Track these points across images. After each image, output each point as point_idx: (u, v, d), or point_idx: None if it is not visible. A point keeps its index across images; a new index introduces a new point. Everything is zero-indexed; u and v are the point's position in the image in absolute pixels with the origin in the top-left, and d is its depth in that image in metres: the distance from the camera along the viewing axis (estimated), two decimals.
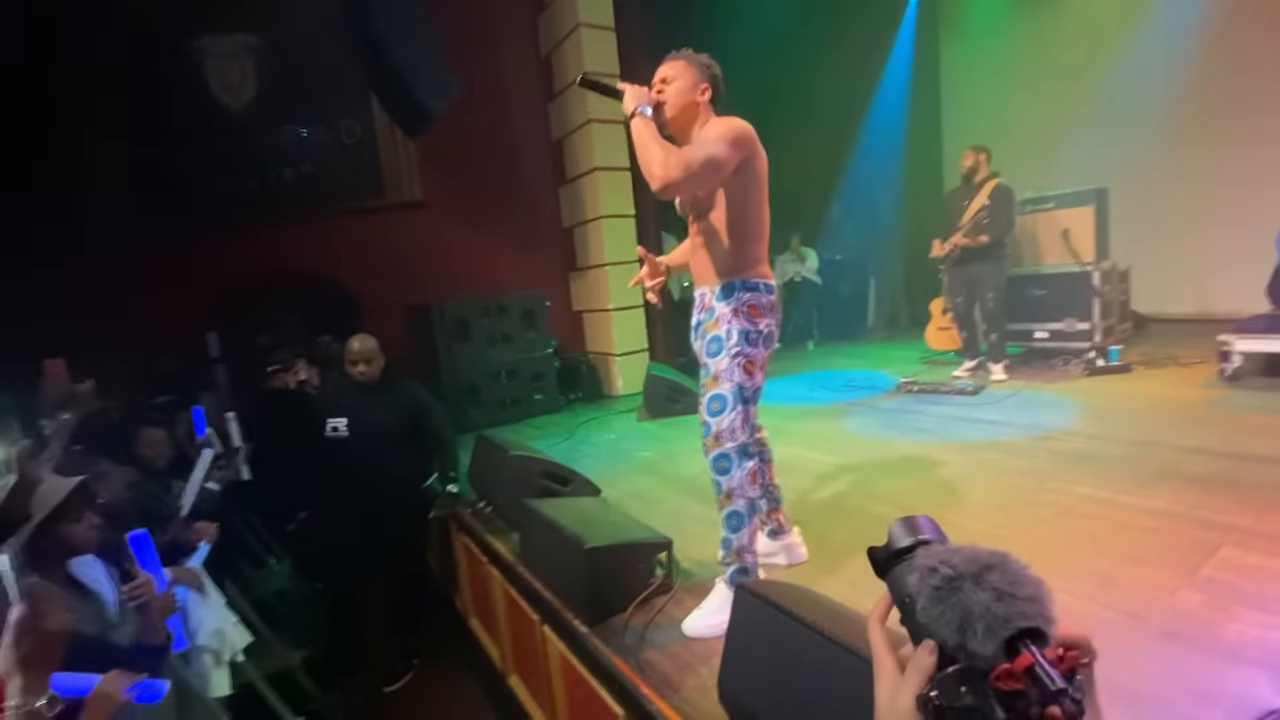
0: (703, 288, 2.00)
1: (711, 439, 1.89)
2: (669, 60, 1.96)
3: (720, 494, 1.92)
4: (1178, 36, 5.54)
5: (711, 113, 1.94)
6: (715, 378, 1.89)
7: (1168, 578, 1.89)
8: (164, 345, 5.45)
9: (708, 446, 1.90)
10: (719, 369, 1.89)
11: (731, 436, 1.87)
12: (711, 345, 1.91)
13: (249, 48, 5.75)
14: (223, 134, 5.75)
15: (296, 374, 4.51)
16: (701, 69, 1.94)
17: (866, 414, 4.20)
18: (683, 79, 1.91)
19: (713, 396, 1.89)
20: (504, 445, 3.00)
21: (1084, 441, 3.15)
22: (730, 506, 1.91)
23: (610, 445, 4.28)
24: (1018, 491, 2.65)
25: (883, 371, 5.32)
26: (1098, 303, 4.73)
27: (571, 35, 5.67)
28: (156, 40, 5.53)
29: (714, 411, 1.88)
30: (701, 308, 1.99)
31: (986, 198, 4.54)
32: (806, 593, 1.40)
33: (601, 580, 2.02)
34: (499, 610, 2.82)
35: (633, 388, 5.73)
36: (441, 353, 5.20)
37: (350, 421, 3.10)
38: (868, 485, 2.96)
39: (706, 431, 1.90)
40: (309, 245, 5.82)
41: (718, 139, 1.79)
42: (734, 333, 1.89)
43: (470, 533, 3.14)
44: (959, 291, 4.78)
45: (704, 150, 1.76)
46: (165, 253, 5.51)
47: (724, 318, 1.90)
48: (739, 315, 1.90)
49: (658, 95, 1.90)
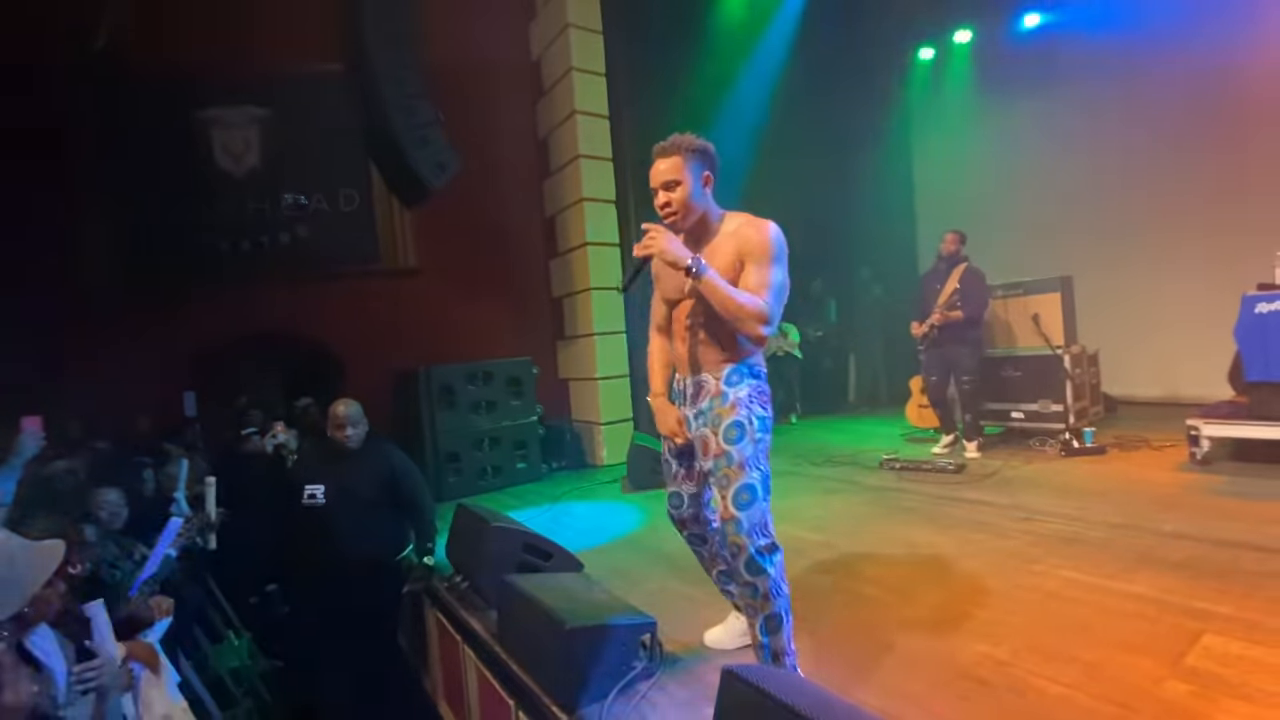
0: (702, 374, 1.89)
1: (744, 536, 1.72)
2: (662, 155, 1.82)
3: (757, 598, 1.75)
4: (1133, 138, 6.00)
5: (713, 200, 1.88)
6: (741, 466, 1.75)
7: (1153, 667, 1.87)
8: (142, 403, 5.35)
9: (737, 546, 1.72)
10: (744, 457, 1.75)
11: (764, 532, 1.75)
12: (731, 432, 1.78)
13: (255, 119, 5.98)
14: (223, 198, 5.89)
15: (273, 436, 4.42)
16: (699, 157, 1.82)
17: (851, 491, 4.20)
18: (686, 180, 1.79)
19: (742, 487, 1.74)
20: (485, 516, 2.94)
21: (1065, 523, 3.17)
22: (768, 609, 1.75)
23: (593, 517, 4.21)
24: (1005, 574, 2.65)
25: (865, 447, 5.36)
26: (1070, 385, 4.88)
27: (567, 121, 5.99)
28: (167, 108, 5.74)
29: (744, 504, 1.73)
30: (702, 394, 1.88)
31: (958, 281, 4.78)
32: (799, 681, 1.37)
33: (582, 663, 1.95)
34: (471, 693, 2.68)
35: (616, 458, 5.69)
36: (425, 419, 5.15)
37: (328, 489, 3.03)
38: (856, 567, 2.92)
39: (738, 528, 1.72)
40: (299, 308, 5.85)
41: (771, 260, 1.76)
42: (754, 419, 1.80)
43: (444, 608, 3.01)
44: (934, 371, 4.94)
45: (773, 281, 1.75)
46: (153, 311, 5.51)
47: (741, 402, 1.81)
48: (756, 400, 1.83)
49: (664, 207, 1.81)
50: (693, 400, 1.93)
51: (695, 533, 2.13)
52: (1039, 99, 6.62)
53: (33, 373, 4.78)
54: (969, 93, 7.30)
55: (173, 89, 5.69)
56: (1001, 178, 7.07)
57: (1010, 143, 7.00)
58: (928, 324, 4.83)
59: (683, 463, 2.05)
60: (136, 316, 5.44)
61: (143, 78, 5.56)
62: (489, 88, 6.34)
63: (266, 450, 4.35)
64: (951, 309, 4.72)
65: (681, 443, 1.98)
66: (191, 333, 5.63)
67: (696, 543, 2.16)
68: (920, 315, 4.95)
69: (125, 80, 5.53)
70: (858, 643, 2.21)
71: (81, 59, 5.40)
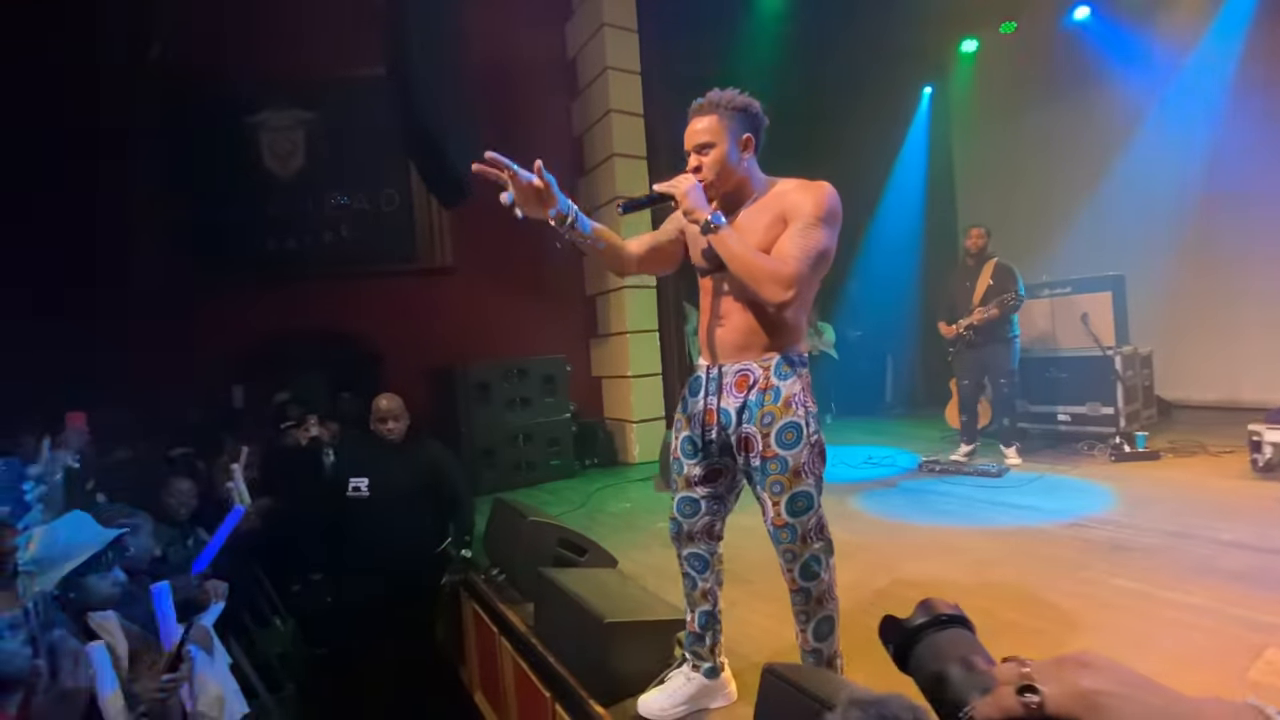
0: (745, 361, 1.68)
1: (798, 543, 1.63)
2: (698, 114, 1.66)
3: (809, 603, 1.68)
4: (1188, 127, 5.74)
5: (756, 165, 1.70)
6: (797, 473, 1.61)
7: (1213, 681, 1.79)
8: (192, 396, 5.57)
9: (793, 552, 1.64)
10: (799, 462, 1.61)
11: (820, 535, 1.66)
12: (786, 434, 1.61)
13: (302, 122, 6.16)
14: (270, 199, 6.10)
15: (307, 430, 4.55)
16: (740, 118, 1.64)
17: (888, 493, 4.13)
18: (722, 142, 1.62)
19: (796, 495, 1.62)
20: (522, 510, 2.98)
21: (1116, 530, 3.06)
22: (820, 614, 1.69)
23: (626, 514, 4.23)
24: (1050, 580, 2.57)
25: (903, 449, 5.26)
26: (1121, 387, 4.70)
27: (603, 120, 6.01)
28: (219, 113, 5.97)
29: (799, 511, 1.62)
30: (744, 385, 1.67)
31: (990, 277, 4.61)
32: (839, 679, 1.36)
33: (620, 658, 1.96)
34: (508, 685, 2.72)
35: (648, 455, 5.70)
36: (461, 415, 5.24)
37: (372, 481, 3.11)
38: (893, 568, 2.88)
39: (791, 536, 1.63)
40: (340, 305, 6.01)
41: (817, 221, 1.56)
42: (810, 418, 1.64)
43: (482, 600, 3.07)
44: (967, 374, 4.75)
45: (811, 243, 1.54)
46: (201, 308, 5.73)
47: (795, 399, 1.63)
48: (808, 395, 1.67)
49: (695, 170, 1.65)
50: (730, 391, 1.69)
51: (698, 552, 1.82)
52: (1088, 91, 6.39)
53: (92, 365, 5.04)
54: (1013, 86, 7.08)
55: (224, 94, 5.91)
56: (1046, 173, 6.83)
57: (1056, 136, 6.76)
58: (964, 324, 4.65)
59: (705, 459, 1.76)
60: (189, 312, 5.67)
61: (196, 83, 5.79)
62: (525, 87, 6.41)
63: (301, 444, 4.48)
64: (989, 307, 4.56)
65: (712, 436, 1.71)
66: (239, 328, 5.84)
67: (697, 567, 1.83)
68: (949, 316, 4.77)
69: (180, 86, 5.77)
70: None
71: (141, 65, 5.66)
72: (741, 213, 1.69)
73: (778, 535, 1.66)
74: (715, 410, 1.71)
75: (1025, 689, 0.46)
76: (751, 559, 2.77)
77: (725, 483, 1.80)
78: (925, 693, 0.55)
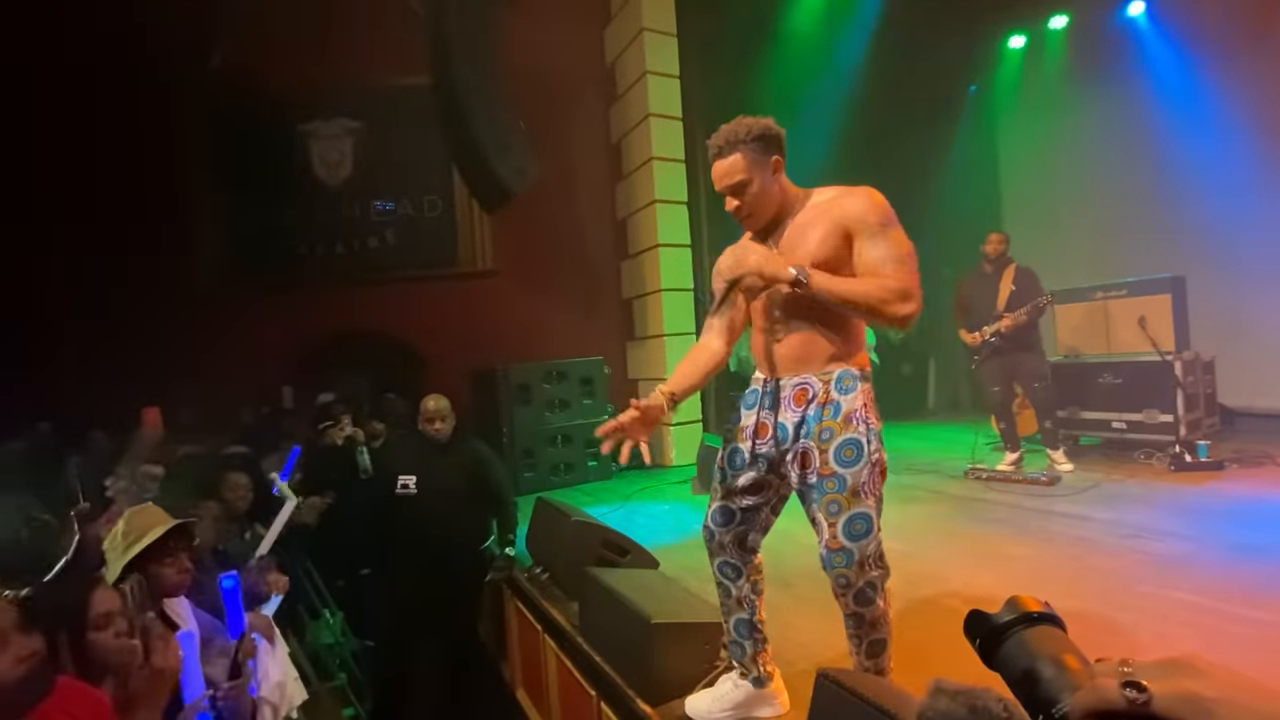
0: (804, 375, 1.64)
1: (854, 569, 1.56)
2: (720, 156, 1.62)
3: (862, 626, 1.63)
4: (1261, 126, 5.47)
5: (787, 179, 1.68)
6: (855, 493, 1.55)
7: None
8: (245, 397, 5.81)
9: (848, 578, 1.56)
10: (858, 482, 1.55)
11: (878, 563, 1.59)
12: (845, 452, 1.56)
13: (350, 131, 6.37)
14: (319, 205, 6.32)
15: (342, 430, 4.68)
16: (760, 145, 1.60)
17: (934, 500, 4.04)
18: (755, 176, 1.60)
19: (854, 516, 1.55)
20: (565, 510, 3.02)
21: (1177, 543, 2.94)
22: (873, 635, 1.64)
23: (665, 516, 4.24)
24: (1107, 594, 2.48)
25: (947, 455, 5.14)
26: (1181, 394, 4.51)
27: (640, 124, 6.05)
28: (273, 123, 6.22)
29: (857, 534, 1.55)
30: (803, 400, 1.63)
31: (1012, 282, 4.52)
32: (894, 688, 1.35)
33: (666, 659, 1.98)
34: (551, 682, 2.76)
35: (685, 459, 5.70)
36: (503, 416, 5.33)
37: (420, 480, 3.19)
38: (943, 578, 2.82)
39: (847, 560, 1.55)
40: (386, 308, 6.20)
41: (886, 226, 1.57)
42: (872, 435, 1.58)
43: (525, 598, 3.12)
44: (996, 381, 4.65)
45: (898, 248, 1.56)
46: (252, 312, 5.98)
47: (856, 415, 1.58)
48: (871, 410, 1.61)
49: (735, 210, 1.66)
50: (788, 405, 1.66)
51: (731, 561, 1.78)
52: (1142, 87, 6.15)
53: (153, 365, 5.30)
54: (1063, 82, 6.85)
55: (276, 105, 6.15)
56: (1098, 172, 6.60)
57: (1108, 134, 6.52)
58: (990, 331, 4.53)
59: (752, 472, 1.71)
60: (241, 315, 5.92)
61: (251, 94, 6.04)
62: (564, 93, 6.50)
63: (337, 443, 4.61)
64: (1019, 312, 4.41)
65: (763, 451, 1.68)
66: (289, 331, 6.07)
67: (730, 575, 1.80)
68: (970, 324, 4.67)
69: (236, 97, 6.03)
70: (944, 656, 2.12)
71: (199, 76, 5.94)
72: (788, 228, 1.66)
73: (831, 559, 1.58)
74: (771, 425, 1.68)
75: (1130, 684, 0.45)
76: (794, 564, 2.76)
77: (767, 498, 1.75)
78: (1014, 689, 0.55)
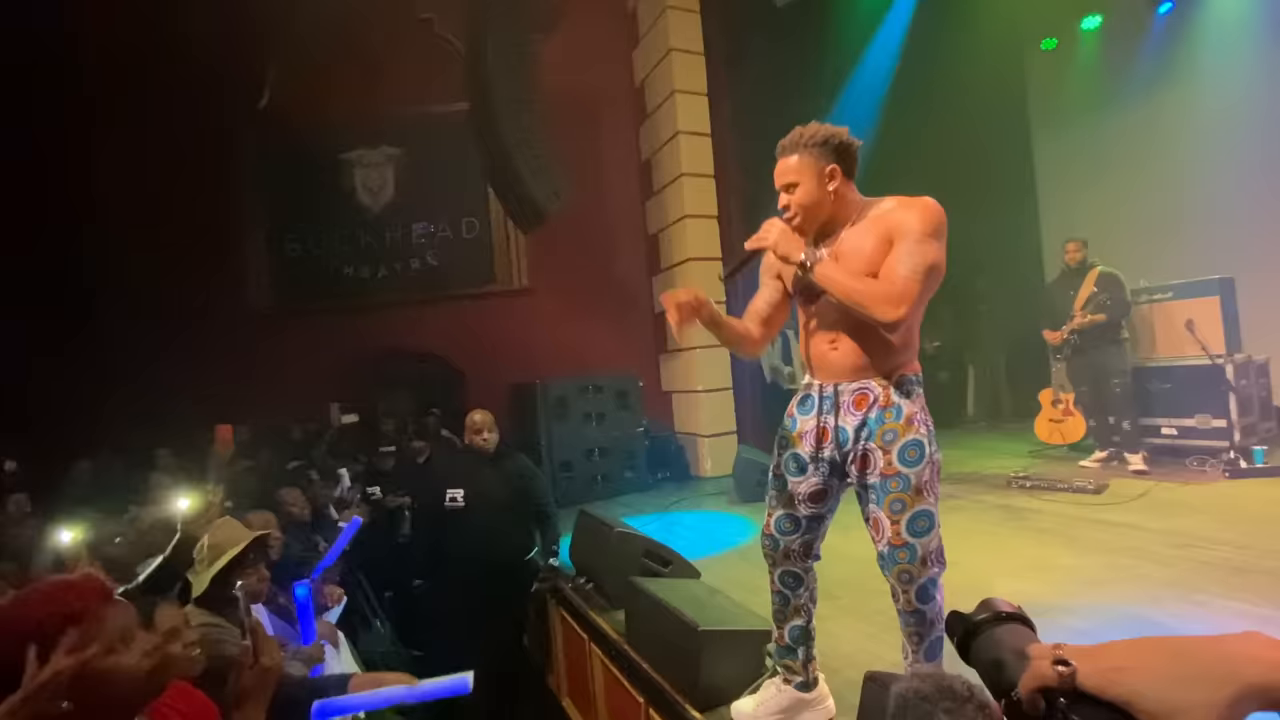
0: (863, 380, 1.68)
1: (918, 564, 1.62)
2: (782, 155, 1.69)
3: (923, 625, 1.67)
4: None
5: (853, 189, 1.71)
6: (918, 491, 1.62)
7: None
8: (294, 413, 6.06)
9: (910, 574, 1.62)
10: (921, 480, 1.62)
11: (939, 559, 1.65)
12: (909, 452, 1.62)
13: (391, 157, 6.65)
14: (363, 230, 6.59)
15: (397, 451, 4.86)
16: (821, 151, 1.64)
17: (978, 509, 3.99)
18: (806, 179, 1.64)
19: (917, 514, 1.62)
20: (608, 522, 3.09)
21: (1234, 552, 2.86)
22: (934, 634, 1.66)
23: (703, 527, 4.27)
24: (1161, 603, 2.44)
25: (989, 463, 5.06)
26: (1234, 398, 4.37)
27: (670, 142, 6.17)
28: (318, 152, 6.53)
29: (920, 531, 1.62)
30: (863, 404, 1.67)
31: (1094, 284, 4.52)
32: None
33: (713, 666, 2.02)
34: (598, 690, 2.82)
35: (720, 470, 5.72)
36: (541, 430, 5.45)
37: (467, 492, 3.30)
38: (985, 588, 2.79)
39: (910, 556, 1.61)
40: (426, 327, 6.41)
41: (924, 237, 1.57)
42: (931, 436, 1.65)
43: (571, 608, 3.19)
44: (1082, 380, 4.71)
45: (919, 260, 1.55)
46: (300, 332, 6.26)
47: (916, 418, 1.64)
48: (927, 413, 1.67)
49: (784, 208, 1.69)
50: (848, 409, 1.68)
51: (794, 570, 1.81)
52: (1181, 86, 6.01)
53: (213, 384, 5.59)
54: (1098, 83, 6.74)
55: (321, 135, 6.46)
56: (1137, 174, 6.43)
57: (1147, 135, 6.36)
58: (1067, 329, 4.58)
59: (815, 476, 1.73)
60: (292, 337, 6.20)
61: (298, 127, 6.36)
62: (594, 113, 6.67)
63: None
64: (1099, 307, 4.44)
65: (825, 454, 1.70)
66: (336, 350, 6.32)
67: (790, 584, 1.83)
68: (1052, 324, 4.71)
69: (284, 129, 6.35)
70: None
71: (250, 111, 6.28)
72: (843, 235, 1.69)
73: (894, 555, 1.62)
74: (831, 428, 1.70)
75: (1059, 662, 0.53)
76: (836, 575, 2.76)
77: (829, 503, 1.79)
78: (984, 679, 0.63)
